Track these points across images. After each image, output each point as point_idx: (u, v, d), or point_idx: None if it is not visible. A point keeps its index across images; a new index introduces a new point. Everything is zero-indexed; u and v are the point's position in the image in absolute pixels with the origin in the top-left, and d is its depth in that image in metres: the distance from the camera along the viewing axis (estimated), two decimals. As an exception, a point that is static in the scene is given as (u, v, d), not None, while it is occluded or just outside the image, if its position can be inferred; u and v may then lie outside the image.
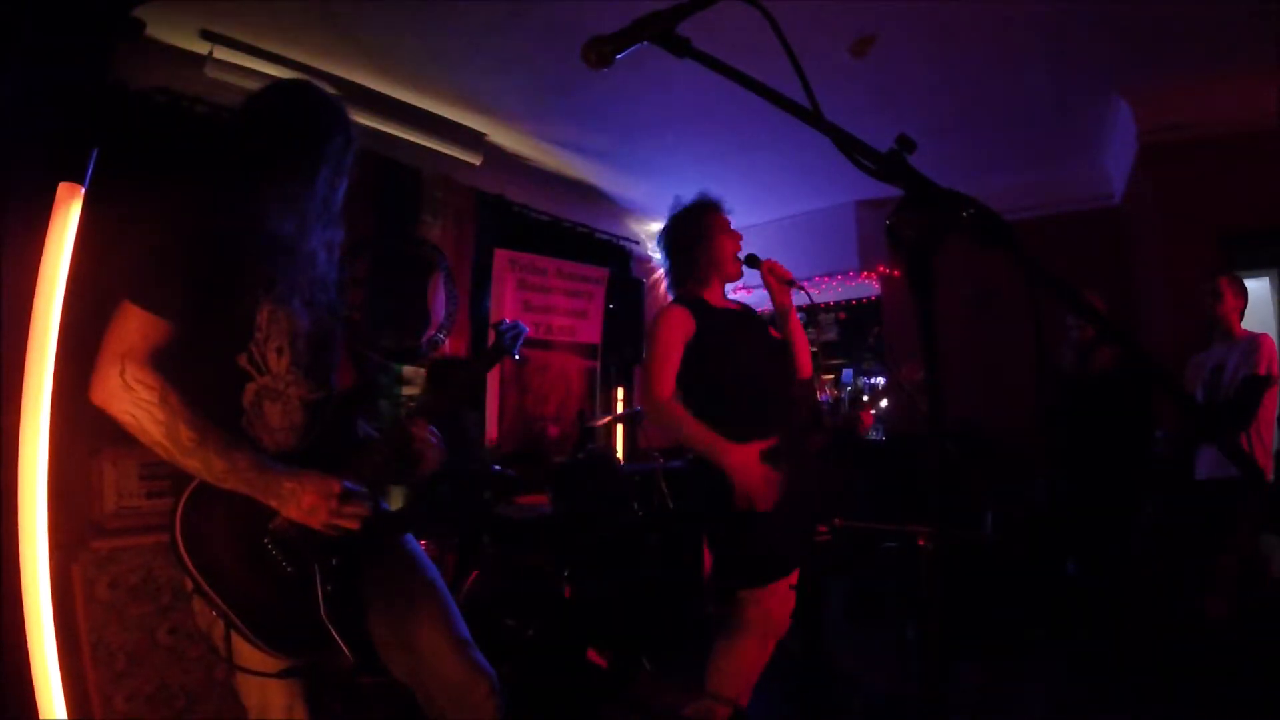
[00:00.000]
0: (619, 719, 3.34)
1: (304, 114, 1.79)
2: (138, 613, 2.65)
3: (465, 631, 1.90)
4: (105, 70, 2.30)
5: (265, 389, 1.66)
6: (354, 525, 1.60)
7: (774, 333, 2.93)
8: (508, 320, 2.12)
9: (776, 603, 2.61)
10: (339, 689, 1.73)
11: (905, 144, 0.94)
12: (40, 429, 1.90)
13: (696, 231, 2.82)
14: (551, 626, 3.35)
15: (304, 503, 1.55)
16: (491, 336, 2.10)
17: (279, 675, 1.60)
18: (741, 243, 2.87)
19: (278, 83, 1.87)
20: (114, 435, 2.61)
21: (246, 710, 1.67)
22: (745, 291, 5.90)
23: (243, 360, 1.64)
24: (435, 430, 1.86)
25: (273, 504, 1.56)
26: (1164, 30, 3.80)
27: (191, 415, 1.50)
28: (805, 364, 2.96)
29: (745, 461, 2.44)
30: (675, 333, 2.70)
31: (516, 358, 2.12)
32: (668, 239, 2.88)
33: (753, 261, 2.86)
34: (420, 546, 1.99)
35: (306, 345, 1.74)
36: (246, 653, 1.58)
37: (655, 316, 2.77)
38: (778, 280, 2.81)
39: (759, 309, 3.02)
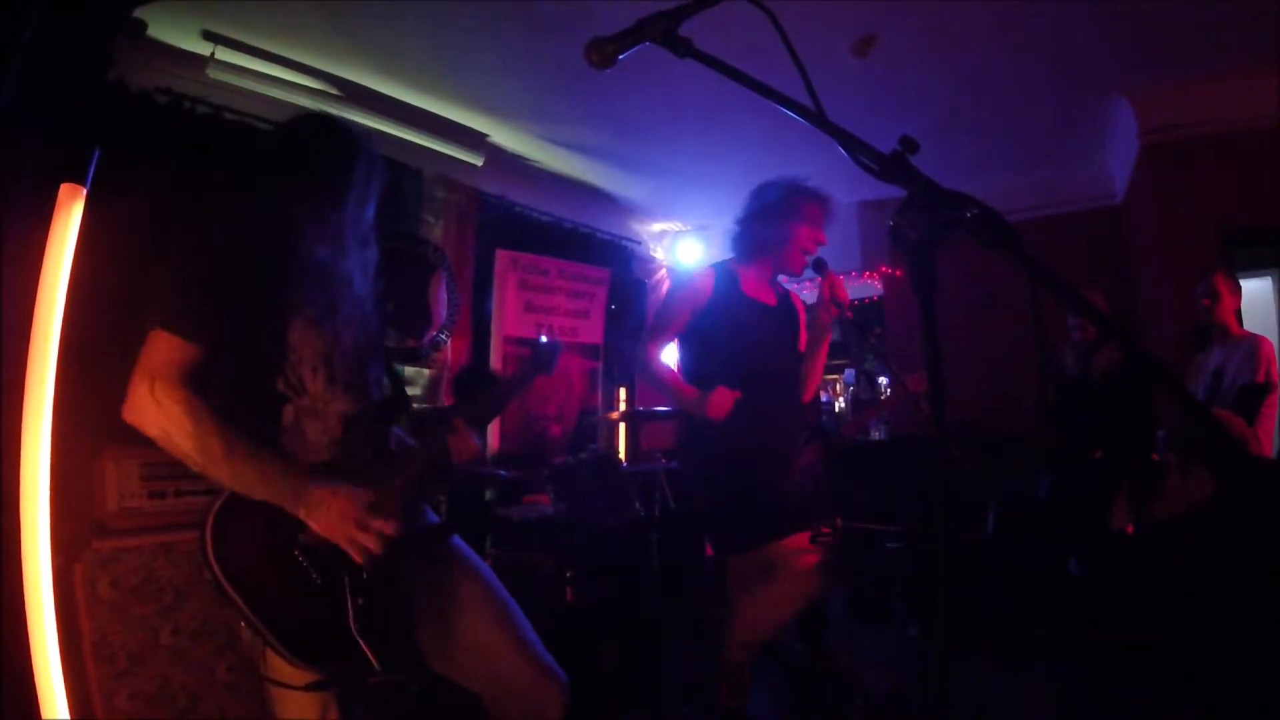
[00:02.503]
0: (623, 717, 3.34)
1: (328, 141, 1.83)
2: (140, 612, 2.65)
3: (530, 633, 1.92)
4: (106, 71, 2.30)
5: (304, 409, 1.69)
6: (374, 547, 1.58)
7: (803, 343, 2.89)
8: (546, 338, 2.15)
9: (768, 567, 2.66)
10: (342, 691, 1.73)
11: (908, 144, 0.94)
12: (42, 430, 1.91)
13: (772, 206, 2.73)
14: (554, 627, 3.35)
15: (331, 515, 1.56)
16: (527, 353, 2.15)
17: (307, 688, 1.60)
18: (821, 243, 2.79)
19: (301, 114, 1.93)
20: (116, 435, 2.63)
21: None
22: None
23: (280, 383, 1.67)
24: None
25: (300, 514, 1.56)
26: (1165, 29, 3.79)
27: (219, 426, 1.52)
28: (810, 388, 2.91)
29: (719, 399, 2.51)
30: (685, 295, 2.73)
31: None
32: (748, 203, 2.80)
33: (819, 267, 2.76)
34: (471, 550, 1.99)
35: (343, 363, 1.76)
36: (278, 664, 1.58)
37: (681, 276, 2.79)
38: (831, 298, 2.70)
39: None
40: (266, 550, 1.56)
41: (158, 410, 1.50)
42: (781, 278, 2.93)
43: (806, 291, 3.14)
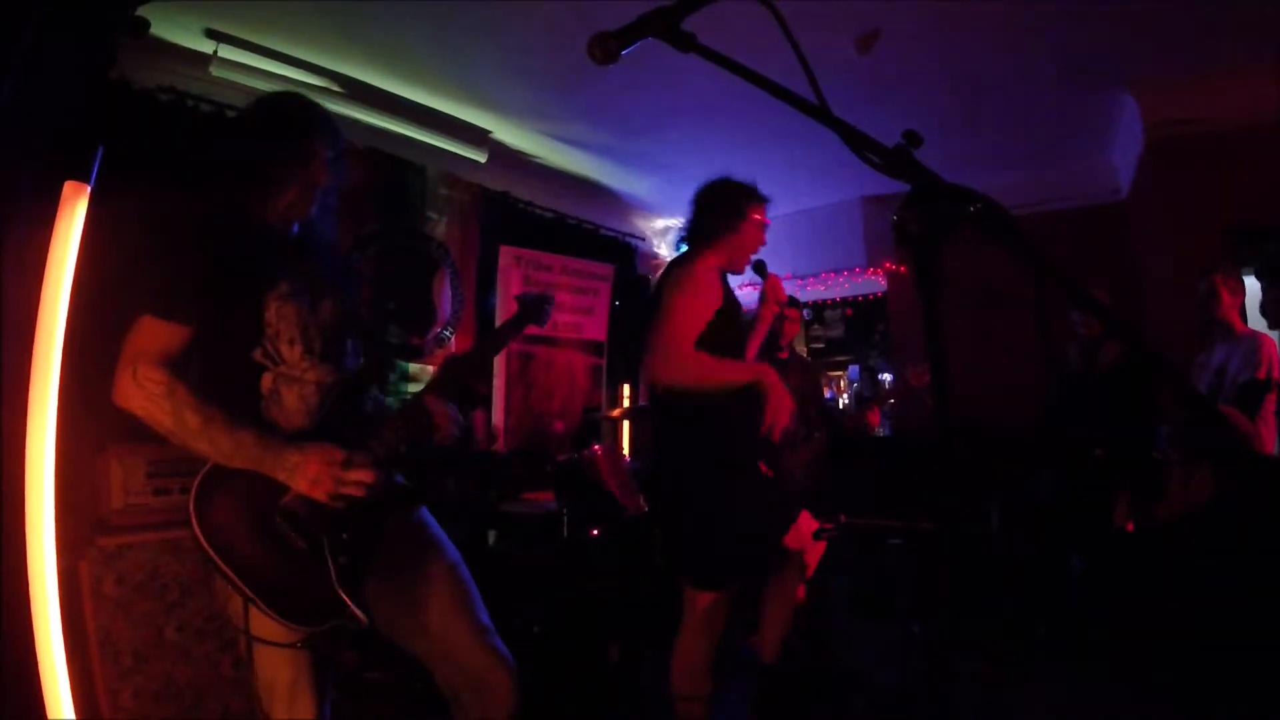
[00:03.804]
0: (625, 713, 3.35)
1: (293, 121, 1.87)
2: (145, 609, 2.65)
3: (485, 618, 1.95)
4: (109, 69, 2.30)
5: (282, 376, 1.77)
6: (359, 493, 1.67)
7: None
8: (532, 293, 2.17)
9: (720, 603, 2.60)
10: (344, 684, 1.75)
11: (912, 139, 0.94)
12: (47, 427, 1.91)
13: (733, 210, 2.71)
14: (557, 622, 3.36)
15: (309, 473, 1.63)
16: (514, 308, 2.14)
17: (296, 646, 1.66)
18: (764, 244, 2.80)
19: (268, 95, 1.97)
20: (121, 433, 2.63)
21: (256, 682, 1.71)
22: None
23: (258, 355, 1.75)
24: (451, 405, 1.91)
25: (280, 477, 1.63)
26: (1171, 24, 3.78)
27: (196, 401, 1.61)
28: None
29: (783, 390, 2.47)
30: (710, 295, 2.60)
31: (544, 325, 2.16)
32: (704, 200, 2.77)
33: (760, 269, 2.84)
34: (443, 531, 2.02)
35: (319, 334, 1.83)
36: (263, 626, 1.63)
37: (686, 272, 2.64)
38: (774, 298, 2.80)
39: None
40: (248, 520, 1.63)
41: (139, 391, 1.60)
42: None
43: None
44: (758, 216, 2.74)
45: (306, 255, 1.88)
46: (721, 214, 2.73)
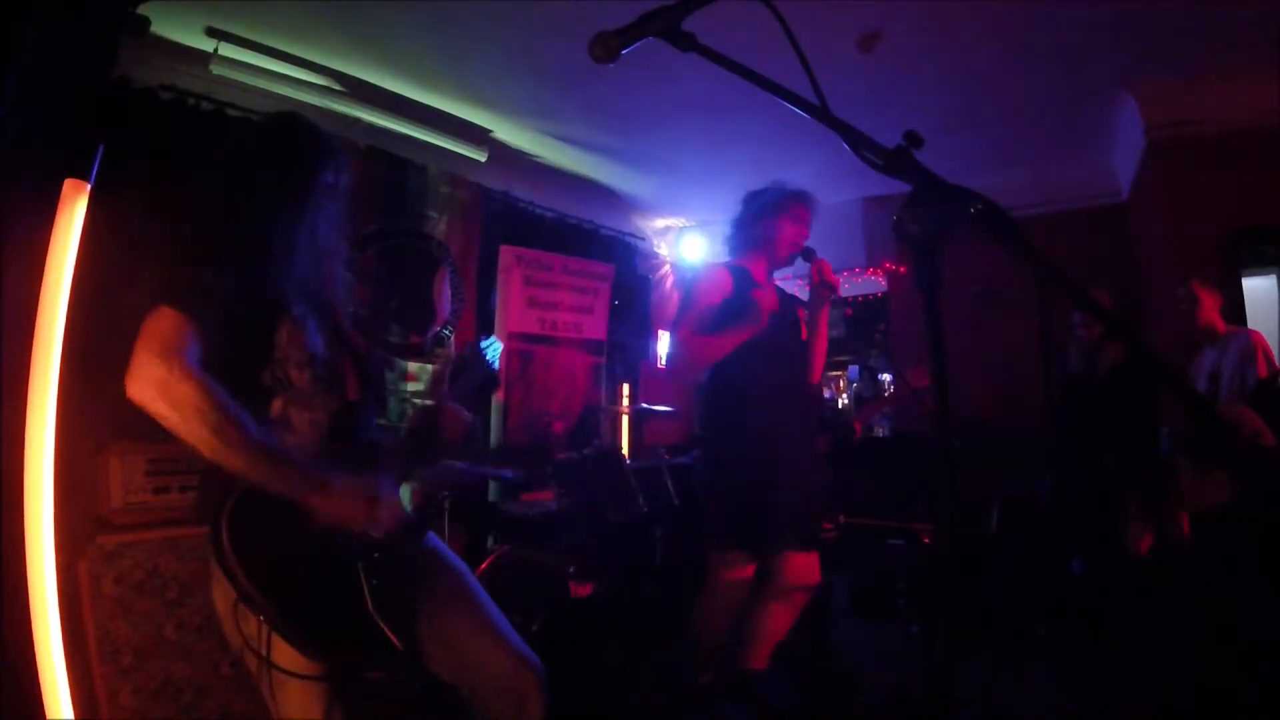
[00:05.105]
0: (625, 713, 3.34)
1: (301, 148, 1.85)
2: (144, 608, 2.65)
3: (505, 624, 1.93)
4: (110, 67, 2.30)
5: (290, 400, 1.72)
6: (391, 529, 1.66)
7: (803, 332, 2.97)
8: (475, 343, 2.17)
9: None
10: (345, 688, 1.72)
11: (913, 140, 0.94)
12: (46, 426, 1.91)
13: (763, 207, 2.93)
14: (556, 625, 3.35)
15: (353, 500, 1.60)
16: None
17: (319, 679, 1.60)
18: (805, 237, 2.98)
19: (272, 116, 1.93)
20: (120, 431, 2.63)
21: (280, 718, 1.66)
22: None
23: (266, 377, 1.69)
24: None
25: (316, 502, 1.56)
26: (1172, 26, 3.78)
27: (239, 414, 1.50)
28: (817, 370, 3.03)
29: (763, 302, 2.72)
30: (707, 288, 2.81)
31: (495, 368, 2.16)
32: (741, 208, 3.02)
33: (808, 255, 2.93)
34: (443, 542, 2.01)
35: (322, 360, 1.80)
36: (288, 658, 1.56)
37: (695, 273, 2.94)
38: (821, 281, 2.89)
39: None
40: (281, 546, 1.56)
41: (179, 390, 1.45)
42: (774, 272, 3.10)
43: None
44: (784, 208, 2.94)
45: (313, 283, 1.83)
46: (747, 219, 2.98)
